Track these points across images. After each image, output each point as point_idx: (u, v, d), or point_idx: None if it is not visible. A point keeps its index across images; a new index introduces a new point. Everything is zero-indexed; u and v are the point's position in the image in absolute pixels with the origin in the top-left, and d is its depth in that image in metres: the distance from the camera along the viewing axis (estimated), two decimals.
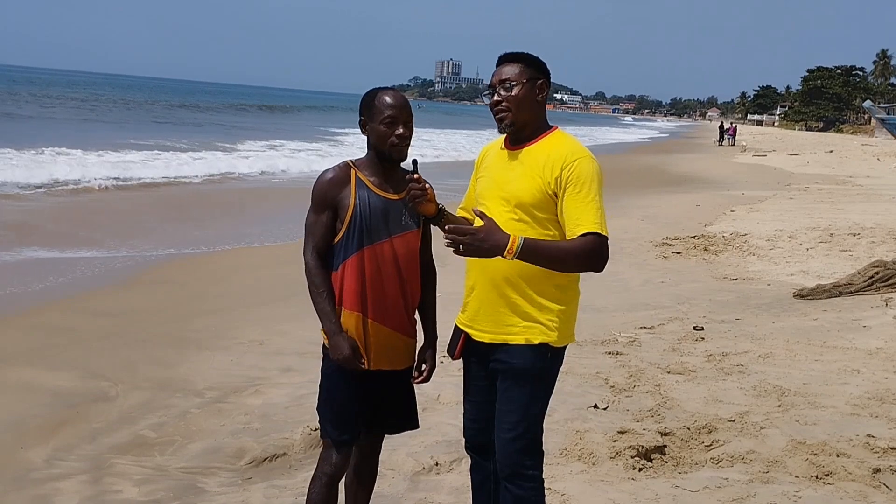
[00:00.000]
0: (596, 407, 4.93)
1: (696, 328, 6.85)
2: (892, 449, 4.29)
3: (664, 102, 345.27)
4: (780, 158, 35.88)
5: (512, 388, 2.76)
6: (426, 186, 2.83)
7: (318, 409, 3.00)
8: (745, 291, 8.53)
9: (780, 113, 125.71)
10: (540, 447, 2.84)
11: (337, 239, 2.87)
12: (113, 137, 26.32)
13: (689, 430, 4.55)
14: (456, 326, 2.95)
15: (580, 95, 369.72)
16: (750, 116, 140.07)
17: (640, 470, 4.09)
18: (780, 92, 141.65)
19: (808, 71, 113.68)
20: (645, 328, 6.91)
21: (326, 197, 2.87)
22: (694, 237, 11.77)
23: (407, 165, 2.92)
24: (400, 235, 2.90)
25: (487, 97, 2.82)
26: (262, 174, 20.70)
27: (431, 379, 3.07)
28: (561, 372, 2.87)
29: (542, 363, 2.74)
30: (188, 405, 5.05)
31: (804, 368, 5.75)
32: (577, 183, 2.63)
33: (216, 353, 6.09)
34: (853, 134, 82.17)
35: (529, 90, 2.75)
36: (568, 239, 2.63)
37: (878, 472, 4.03)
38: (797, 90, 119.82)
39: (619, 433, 4.43)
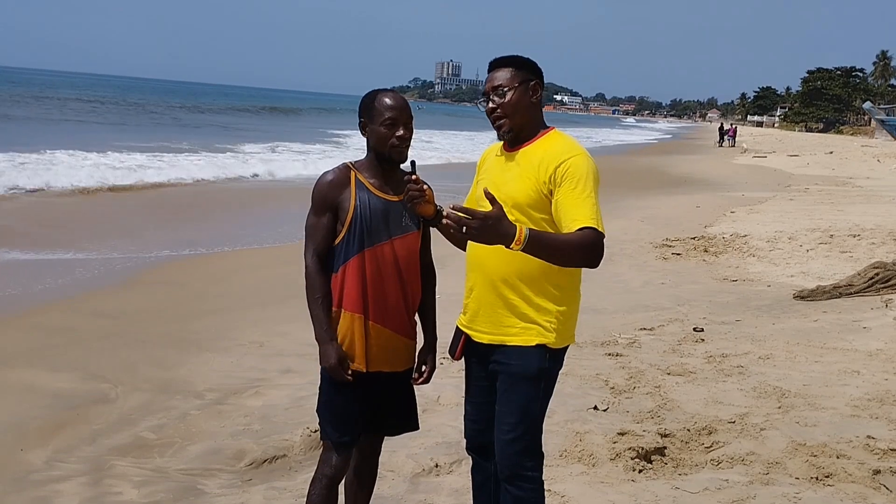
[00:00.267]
0: (596, 408, 4.92)
1: (696, 329, 6.85)
2: (892, 450, 4.29)
3: (664, 104, 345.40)
4: (780, 160, 35.90)
5: (511, 389, 2.76)
6: (424, 187, 2.83)
7: (317, 410, 3.00)
8: (745, 293, 8.53)
9: (780, 114, 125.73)
10: (540, 448, 2.84)
11: (337, 241, 2.87)
12: (113, 139, 26.33)
13: (689, 431, 4.55)
14: (457, 327, 2.95)
15: (580, 97, 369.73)
16: (750, 118, 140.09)
17: (639, 471, 4.09)
18: (780, 93, 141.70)
19: (808, 72, 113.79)
20: (645, 329, 6.91)
21: (326, 199, 2.87)
22: (694, 238, 11.78)
23: (405, 166, 2.92)
24: (400, 237, 2.90)
25: (482, 105, 2.81)
26: (262, 175, 20.68)
27: (431, 381, 3.08)
28: (561, 373, 2.87)
29: (540, 364, 2.74)
30: (188, 407, 5.04)
31: (804, 370, 5.75)
32: (572, 179, 2.62)
33: (216, 354, 6.09)
34: (853, 135, 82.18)
35: (523, 93, 2.75)
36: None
37: (878, 473, 4.03)
38: (797, 91, 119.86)
39: (618, 435, 4.43)
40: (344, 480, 3.06)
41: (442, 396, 5.01)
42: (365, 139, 2.94)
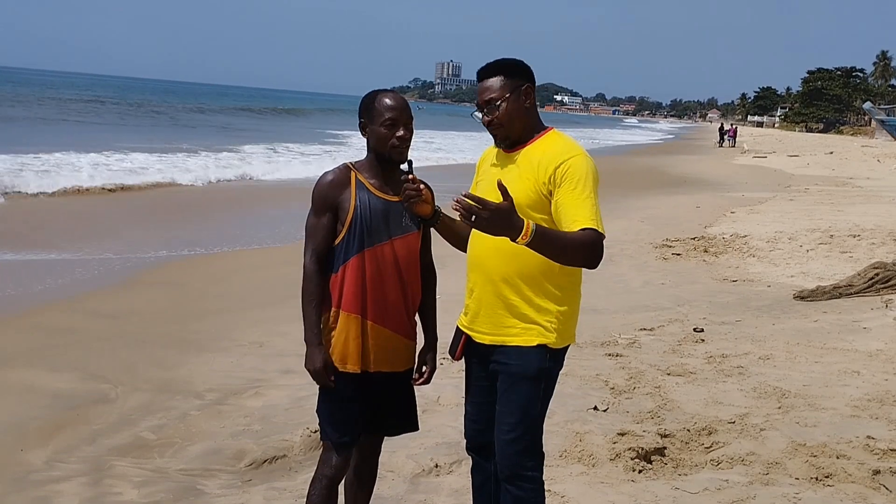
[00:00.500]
0: (596, 409, 4.92)
1: (696, 330, 6.85)
2: (891, 451, 4.30)
3: (664, 104, 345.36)
4: (780, 160, 35.89)
5: (511, 389, 2.76)
6: (421, 187, 2.83)
7: (317, 410, 3.00)
8: (745, 293, 8.53)
9: (780, 114, 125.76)
10: (540, 448, 2.84)
11: (337, 241, 2.87)
12: (113, 139, 26.32)
13: (689, 431, 4.55)
14: (457, 328, 2.95)
15: (580, 97, 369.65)
16: (750, 118, 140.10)
17: (639, 472, 4.09)
18: (780, 93, 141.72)
19: (808, 72, 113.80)
20: (645, 330, 6.92)
21: (327, 199, 2.87)
22: (694, 239, 11.78)
23: (402, 167, 2.92)
24: (400, 237, 2.90)
25: (477, 117, 2.81)
26: (261, 175, 20.69)
27: (431, 381, 3.08)
28: (561, 373, 2.87)
29: (540, 364, 2.74)
30: (188, 407, 5.05)
31: (804, 370, 5.75)
32: (571, 180, 2.62)
33: (216, 354, 6.09)
34: (853, 135, 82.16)
35: (515, 101, 2.74)
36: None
37: (877, 473, 4.03)
38: (797, 92, 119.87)
39: (618, 435, 4.43)
40: (344, 481, 3.06)
41: (442, 397, 5.01)
42: (365, 140, 2.94)
